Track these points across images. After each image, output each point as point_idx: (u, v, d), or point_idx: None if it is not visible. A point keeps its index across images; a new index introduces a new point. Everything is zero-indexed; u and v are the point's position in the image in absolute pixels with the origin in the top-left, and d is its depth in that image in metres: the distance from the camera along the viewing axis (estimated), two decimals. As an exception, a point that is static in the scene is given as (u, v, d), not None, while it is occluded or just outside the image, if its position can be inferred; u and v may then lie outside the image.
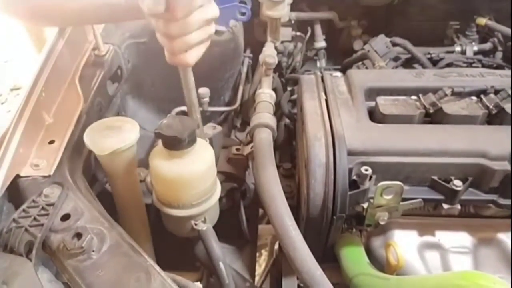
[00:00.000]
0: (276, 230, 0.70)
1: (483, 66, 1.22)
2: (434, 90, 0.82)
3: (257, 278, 1.08)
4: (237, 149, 1.03)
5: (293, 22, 1.43)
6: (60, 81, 0.86)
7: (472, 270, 0.74)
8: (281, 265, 0.87)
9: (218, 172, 0.80)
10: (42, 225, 0.61)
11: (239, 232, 1.05)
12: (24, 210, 0.64)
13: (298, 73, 1.44)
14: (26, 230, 0.61)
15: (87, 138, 0.73)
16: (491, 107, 0.80)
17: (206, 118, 0.83)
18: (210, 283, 0.97)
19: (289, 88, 1.33)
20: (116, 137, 0.73)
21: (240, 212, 1.03)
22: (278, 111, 1.19)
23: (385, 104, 0.83)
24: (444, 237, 0.79)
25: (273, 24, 1.13)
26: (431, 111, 0.81)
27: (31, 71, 0.83)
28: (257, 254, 1.12)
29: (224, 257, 0.75)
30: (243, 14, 1.08)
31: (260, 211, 1.17)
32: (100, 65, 0.93)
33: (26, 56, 2.76)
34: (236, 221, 1.04)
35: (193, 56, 0.67)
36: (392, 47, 1.23)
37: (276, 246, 1.15)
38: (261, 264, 1.19)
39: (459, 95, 0.83)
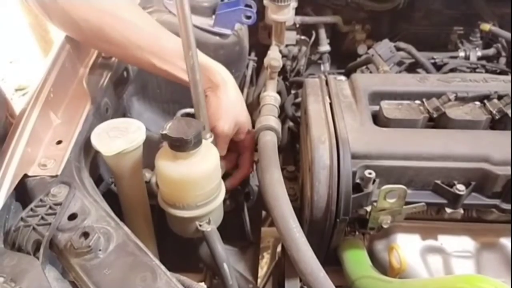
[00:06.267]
0: (280, 232, 0.70)
1: (487, 71, 1.23)
2: (438, 95, 0.83)
3: (259, 281, 1.08)
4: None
5: (297, 26, 1.44)
6: (68, 82, 0.87)
7: (474, 274, 0.75)
8: (284, 267, 0.87)
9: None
10: (49, 224, 0.61)
11: (242, 234, 1.06)
12: (31, 209, 0.64)
13: (302, 76, 1.45)
14: (33, 229, 0.61)
15: (94, 138, 0.74)
16: (494, 112, 0.80)
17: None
18: (213, 284, 0.98)
19: (293, 91, 1.33)
20: (123, 138, 0.74)
21: (244, 214, 1.03)
22: (282, 114, 1.19)
23: (389, 108, 0.84)
24: (446, 241, 0.79)
25: (278, 28, 1.14)
26: (435, 115, 0.82)
27: (39, 71, 0.85)
28: (259, 257, 1.12)
29: (228, 259, 0.76)
30: (248, 17, 1.10)
31: (263, 213, 1.18)
32: (107, 67, 0.94)
33: (30, 57, 2.78)
34: (240, 222, 1.04)
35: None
36: (396, 51, 1.23)
37: (279, 249, 1.15)
38: (263, 266, 1.19)
39: (462, 100, 0.83)
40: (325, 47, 1.49)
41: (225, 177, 0.86)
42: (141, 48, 0.80)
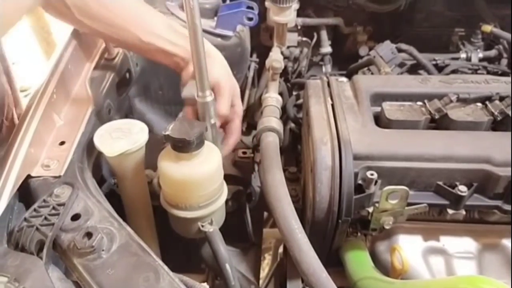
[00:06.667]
0: (282, 232, 0.71)
1: (488, 72, 1.23)
2: (440, 96, 0.83)
3: (260, 282, 1.08)
4: (243, 152, 1.04)
5: (299, 27, 1.45)
6: (71, 83, 0.87)
7: (476, 275, 0.75)
8: (286, 268, 0.88)
9: (225, 174, 0.81)
10: (53, 224, 0.62)
11: (244, 235, 1.06)
12: (35, 210, 0.65)
13: (303, 78, 1.45)
14: (37, 229, 0.62)
15: (97, 139, 0.74)
16: (496, 113, 0.80)
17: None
18: (216, 285, 0.98)
19: (294, 93, 1.34)
20: (126, 139, 0.75)
21: (246, 215, 1.04)
22: (283, 115, 1.20)
23: (390, 109, 0.84)
24: (448, 242, 0.79)
25: (280, 29, 1.14)
26: (437, 117, 0.82)
27: (42, 73, 0.85)
28: (261, 258, 1.12)
29: (230, 259, 0.76)
30: (250, 19, 1.10)
31: (265, 214, 1.18)
32: (110, 68, 0.95)
33: (33, 59, 2.78)
34: (241, 223, 1.04)
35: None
36: (397, 53, 1.24)
37: (281, 250, 1.15)
38: (265, 267, 1.19)
39: (464, 101, 0.83)
40: (326, 48, 1.50)
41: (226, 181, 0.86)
42: (126, 21, 0.80)
